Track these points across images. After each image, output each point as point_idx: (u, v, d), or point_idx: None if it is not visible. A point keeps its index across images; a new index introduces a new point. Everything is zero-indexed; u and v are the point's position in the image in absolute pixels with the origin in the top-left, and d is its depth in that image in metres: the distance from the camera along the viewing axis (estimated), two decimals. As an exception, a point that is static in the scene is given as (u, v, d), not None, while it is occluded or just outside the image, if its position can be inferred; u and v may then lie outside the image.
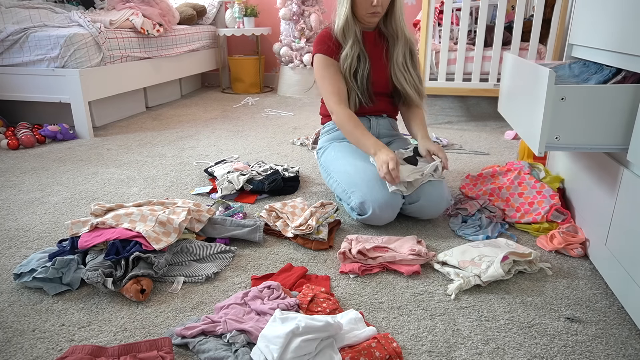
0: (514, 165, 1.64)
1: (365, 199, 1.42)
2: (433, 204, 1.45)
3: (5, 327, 1.03)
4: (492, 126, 2.82)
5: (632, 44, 1.10)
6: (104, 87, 2.68)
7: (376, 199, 1.40)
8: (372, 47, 1.63)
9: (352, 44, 1.56)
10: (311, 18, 3.67)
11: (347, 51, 1.57)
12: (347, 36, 1.57)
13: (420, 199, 1.44)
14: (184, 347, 0.96)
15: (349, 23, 1.56)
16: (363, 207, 1.43)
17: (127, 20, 2.89)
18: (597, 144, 1.09)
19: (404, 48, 1.62)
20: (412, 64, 1.64)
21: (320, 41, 1.62)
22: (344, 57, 1.57)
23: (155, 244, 1.20)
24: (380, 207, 1.40)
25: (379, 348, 0.91)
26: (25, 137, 2.38)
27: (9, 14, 2.66)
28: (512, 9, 2.91)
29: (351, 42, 1.56)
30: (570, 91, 1.06)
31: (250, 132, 2.71)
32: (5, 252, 1.35)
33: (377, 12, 1.53)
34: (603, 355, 0.94)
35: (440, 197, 1.45)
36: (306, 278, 1.20)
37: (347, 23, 1.56)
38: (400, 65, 1.61)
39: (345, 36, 1.57)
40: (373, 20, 1.56)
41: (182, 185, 1.88)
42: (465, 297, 1.13)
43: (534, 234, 1.44)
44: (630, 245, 1.04)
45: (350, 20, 1.55)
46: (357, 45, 1.57)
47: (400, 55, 1.61)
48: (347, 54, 1.57)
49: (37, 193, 1.80)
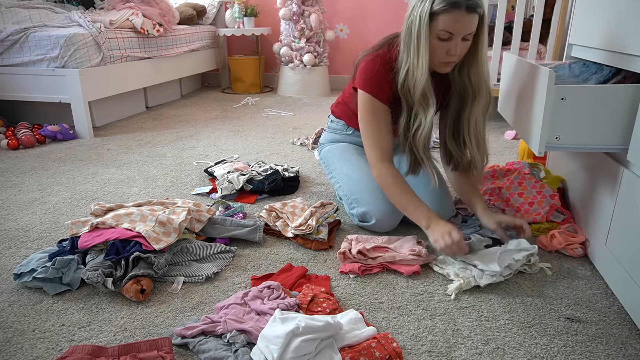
0: (514, 165, 1.64)
1: (368, 209, 1.41)
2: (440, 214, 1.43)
3: (5, 327, 1.03)
4: (492, 126, 2.82)
5: (632, 44, 1.10)
6: (104, 87, 2.68)
7: (379, 210, 1.40)
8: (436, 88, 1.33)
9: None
10: (311, 18, 3.67)
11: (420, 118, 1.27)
12: (426, 97, 1.25)
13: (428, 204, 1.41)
14: (184, 347, 0.96)
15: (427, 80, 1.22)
16: (365, 217, 1.43)
17: (127, 20, 2.89)
18: (597, 144, 1.09)
19: (485, 107, 1.30)
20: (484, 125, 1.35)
21: (373, 78, 1.30)
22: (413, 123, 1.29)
23: (155, 244, 1.20)
24: (383, 219, 1.40)
25: (379, 348, 0.91)
26: (25, 137, 2.38)
27: (9, 14, 2.66)
28: (512, 9, 2.91)
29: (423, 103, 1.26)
30: (570, 91, 1.06)
31: (250, 132, 2.71)
32: (5, 252, 1.35)
33: (454, 61, 1.23)
34: (603, 355, 0.94)
35: (446, 208, 1.45)
36: (306, 278, 1.20)
37: (427, 80, 1.22)
38: (473, 128, 1.31)
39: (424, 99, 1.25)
40: (446, 70, 1.27)
41: (182, 185, 1.88)
42: (465, 297, 1.13)
43: (534, 234, 1.44)
44: (630, 245, 1.04)
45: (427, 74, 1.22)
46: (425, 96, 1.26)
47: (480, 115, 1.30)
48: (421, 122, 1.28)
49: (37, 193, 1.80)
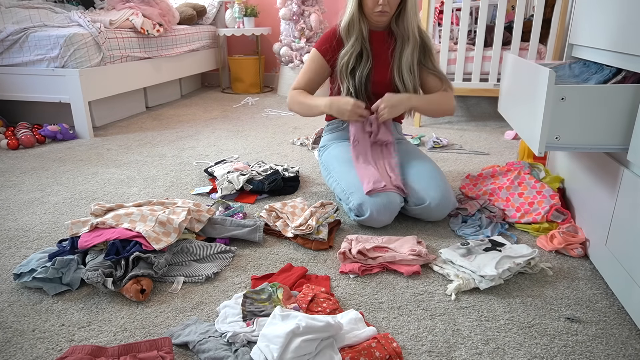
0: (514, 165, 1.64)
1: (363, 200, 1.42)
2: (440, 207, 1.46)
3: (5, 327, 1.03)
4: (492, 126, 2.82)
5: (632, 44, 1.10)
6: (104, 87, 2.68)
7: (374, 201, 1.41)
8: (379, 46, 1.60)
9: (354, 42, 1.55)
10: (311, 18, 3.67)
11: (347, 49, 1.56)
12: (350, 34, 1.55)
13: (427, 201, 1.44)
14: (184, 347, 0.96)
15: (354, 21, 1.54)
16: (361, 209, 1.43)
17: (127, 20, 2.89)
18: (597, 144, 1.09)
19: (413, 49, 1.56)
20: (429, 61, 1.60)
21: (322, 38, 1.63)
22: (342, 54, 1.57)
23: (155, 244, 1.20)
24: (378, 210, 1.40)
25: (379, 348, 0.91)
26: (25, 137, 2.38)
27: (9, 14, 2.66)
28: (512, 9, 2.90)
29: (353, 39, 1.55)
30: (570, 91, 1.06)
31: (250, 132, 2.71)
32: (5, 252, 1.35)
33: (385, 11, 1.49)
34: (603, 355, 0.94)
35: (447, 200, 1.46)
36: (306, 278, 1.20)
37: (352, 21, 1.54)
38: (408, 68, 1.56)
39: (349, 34, 1.56)
40: (381, 19, 1.53)
41: (182, 185, 1.88)
42: (465, 297, 1.13)
43: (534, 234, 1.44)
44: (630, 245, 1.04)
45: (356, 18, 1.54)
46: (359, 43, 1.55)
47: (409, 57, 1.56)
48: (346, 52, 1.56)
49: (37, 193, 1.80)
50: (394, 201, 1.42)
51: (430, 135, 2.54)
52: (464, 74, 2.76)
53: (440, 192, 1.45)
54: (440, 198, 1.45)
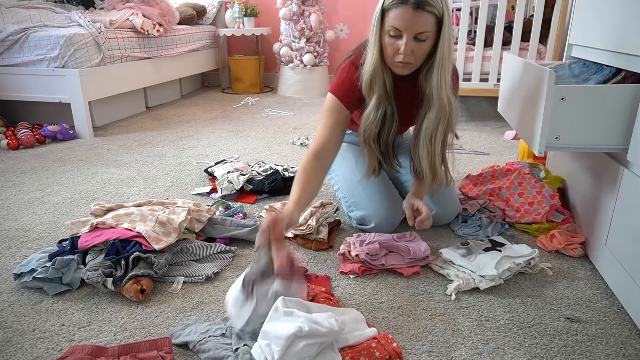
0: (514, 165, 1.64)
1: (367, 213, 1.42)
2: (447, 213, 1.46)
3: (5, 327, 1.03)
4: (492, 126, 2.82)
5: (632, 44, 1.10)
6: (104, 87, 2.68)
7: (378, 216, 1.40)
8: (405, 101, 1.30)
9: (379, 103, 1.25)
10: (311, 18, 3.67)
11: (369, 110, 1.26)
12: (373, 89, 1.25)
13: (435, 209, 1.44)
14: (184, 347, 0.96)
15: (376, 72, 1.22)
16: (364, 221, 1.44)
17: (127, 20, 2.89)
18: (597, 144, 1.09)
19: (438, 117, 1.23)
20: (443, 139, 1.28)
21: (343, 83, 1.31)
22: (365, 118, 1.28)
23: (155, 244, 1.20)
24: (382, 223, 1.41)
25: (379, 348, 0.91)
26: (25, 137, 2.38)
27: (9, 14, 2.66)
28: (512, 9, 2.91)
29: (376, 99, 1.25)
30: (570, 91, 1.06)
31: (250, 132, 2.71)
32: (5, 252, 1.35)
33: (408, 62, 1.18)
34: (603, 355, 0.94)
35: (452, 207, 1.47)
36: (306, 278, 1.20)
37: (374, 74, 1.22)
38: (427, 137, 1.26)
39: (371, 89, 1.25)
40: (403, 72, 1.22)
41: (182, 185, 1.88)
42: (465, 297, 1.13)
43: (534, 234, 1.44)
44: (630, 245, 1.04)
45: (378, 69, 1.22)
46: (384, 103, 1.26)
47: (432, 125, 1.25)
48: (369, 115, 1.26)
49: (37, 193, 1.80)
50: (396, 214, 1.42)
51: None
52: (464, 74, 2.76)
53: (447, 200, 1.46)
54: (447, 206, 1.45)
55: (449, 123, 1.26)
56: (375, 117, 1.26)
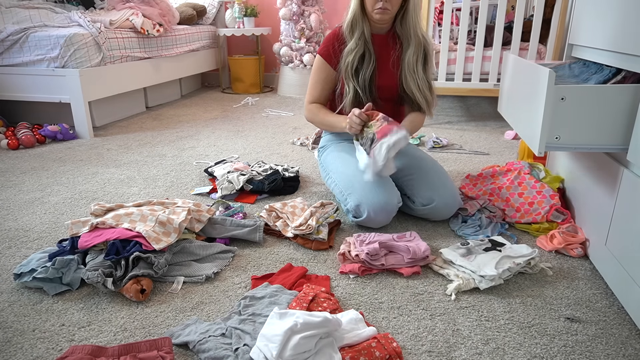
0: (514, 165, 1.64)
1: (360, 201, 1.42)
2: (447, 206, 1.47)
3: (5, 327, 1.03)
4: (492, 126, 2.82)
5: (632, 44, 1.10)
6: (104, 87, 2.68)
7: (372, 202, 1.40)
8: (382, 49, 1.57)
9: (357, 40, 1.52)
10: (311, 18, 3.67)
11: (350, 46, 1.53)
12: (353, 32, 1.52)
13: (434, 201, 1.45)
14: (184, 347, 0.96)
15: (356, 19, 1.51)
16: (358, 210, 1.43)
17: (127, 20, 2.89)
18: (597, 144, 1.09)
19: (416, 51, 1.53)
20: (424, 68, 1.57)
21: (326, 41, 1.60)
22: (346, 52, 1.53)
23: (155, 244, 1.20)
24: (375, 211, 1.40)
25: (379, 348, 0.91)
26: (25, 137, 2.38)
27: (9, 14, 2.66)
28: (512, 9, 2.91)
29: (356, 37, 1.52)
30: (570, 91, 1.06)
31: (250, 132, 2.71)
32: (5, 252, 1.35)
33: (386, 8, 1.45)
34: (603, 355, 0.94)
35: (453, 199, 1.47)
36: (306, 278, 1.20)
37: (355, 19, 1.51)
38: (410, 69, 1.54)
39: (352, 32, 1.53)
40: (383, 17, 1.48)
41: (182, 185, 1.88)
42: (465, 297, 1.13)
43: (534, 234, 1.44)
44: (630, 245, 1.04)
45: (358, 16, 1.51)
46: (362, 43, 1.52)
47: (412, 58, 1.53)
48: (350, 49, 1.52)
49: (37, 193, 1.80)
50: (391, 202, 1.42)
51: (430, 135, 2.55)
52: (464, 74, 2.76)
53: (447, 192, 1.47)
54: (448, 197, 1.46)
55: (427, 53, 1.57)
56: (354, 54, 1.52)
